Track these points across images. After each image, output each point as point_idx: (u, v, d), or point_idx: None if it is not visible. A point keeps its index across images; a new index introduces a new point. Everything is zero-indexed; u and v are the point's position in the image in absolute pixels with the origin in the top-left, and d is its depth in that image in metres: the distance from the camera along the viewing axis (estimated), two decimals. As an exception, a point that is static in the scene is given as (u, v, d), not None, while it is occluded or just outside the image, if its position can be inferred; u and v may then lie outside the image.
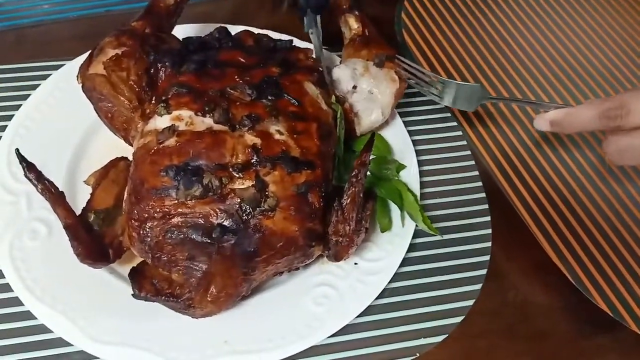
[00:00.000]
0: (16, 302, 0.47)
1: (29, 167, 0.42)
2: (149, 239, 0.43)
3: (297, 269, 0.49)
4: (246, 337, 0.46)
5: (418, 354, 0.49)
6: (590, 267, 0.55)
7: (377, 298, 0.50)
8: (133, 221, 0.44)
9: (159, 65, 0.50)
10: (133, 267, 0.45)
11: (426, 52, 0.71)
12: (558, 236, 0.57)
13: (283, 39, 0.58)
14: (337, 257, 0.47)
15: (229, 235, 0.43)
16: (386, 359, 0.48)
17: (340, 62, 0.60)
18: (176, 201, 0.43)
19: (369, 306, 0.49)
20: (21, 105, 0.58)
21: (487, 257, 0.55)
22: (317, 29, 0.60)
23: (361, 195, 0.45)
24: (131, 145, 0.51)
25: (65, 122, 0.56)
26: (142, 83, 0.49)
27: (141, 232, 0.44)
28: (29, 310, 0.46)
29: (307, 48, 0.56)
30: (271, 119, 0.47)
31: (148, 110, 0.48)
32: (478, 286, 0.53)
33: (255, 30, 0.60)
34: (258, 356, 0.46)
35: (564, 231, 0.57)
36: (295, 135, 0.47)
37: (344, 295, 0.49)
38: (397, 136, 0.59)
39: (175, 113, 0.46)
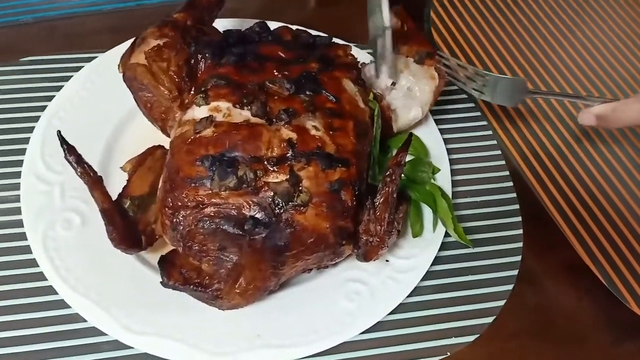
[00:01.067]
0: (50, 290, 0.47)
1: (69, 150, 0.42)
2: (181, 227, 0.43)
3: (326, 267, 0.49)
4: (279, 332, 0.46)
5: (449, 353, 0.49)
6: (624, 269, 0.54)
7: (408, 296, 0.50)
8: (166, 209, 0.44)
9: (199, 56, 0.50)
10: (162, 255, 0.45)
11: (455, 51, 0.70)
12: (590, 238, 0.56)
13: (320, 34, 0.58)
14: (366, 257, 0.47)
15: (261, 228, 0.43)
16: (417, 357, 0.48)
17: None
18: (210, 191, 0.43)
19: (400, 304, 0.49)
20: (51, 96, 0.58)
21: (519, 258, 0.54)
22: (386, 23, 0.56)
23: (395, 195, 0.45)
24: (168, 135, 0.51)
25: (97, 113, 0.56)
26: (182, 74, 0.50)
27: (174, 220, 0.44)
28: (62, 299, 0.46)
29: (346, 45, 0.56)
30: (308, 114, 0.47)
31: (187, 101, 0.49)
32: (509, 287, 0.52)
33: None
34: (290, 351, 0.46)
35: (596, 233, 0.57)
36: (331, 132, 0.46)
37: (375, 292, 0.49)
38: (430, 137, 0.59)
39: (214, 104, 0.46)
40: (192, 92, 0.49)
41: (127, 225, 0.44)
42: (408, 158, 0.52)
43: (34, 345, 0.46)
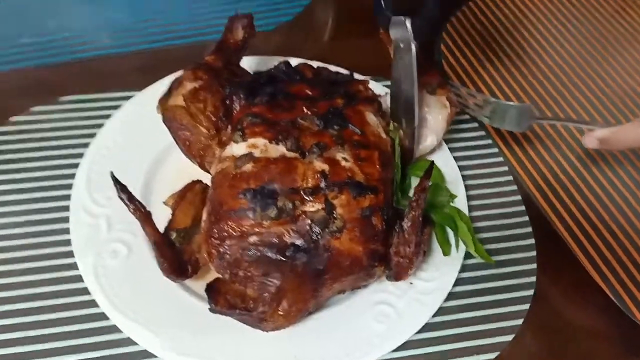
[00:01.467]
0: (101, 317, 0.50)
1: (122, 189, 0.46)
2: (228, 256, 0.47)
3: (359, 288, 0.52)
4: (314, 353, 0.49)
5: None
6: (632, 287, 0.58)
7: (432, 316, 0.53)
8: (213, 239, 0.47)
9: (234, 97, 0.54)
10: (208, 283, 0.49)
11: (465, 80, 0.75)
12: (600, 258, 0.59)
13: (339, 70, 0.63)
14: (397, 277, 0.50)
15: (301, 253, 0.46)
16: None
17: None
18: (253, 222, 0.47)
19: (426, 324, 0.52)
20: (90, 133, 0.62)
21: (534, 279, 0.57)
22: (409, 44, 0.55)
23: (420, 219, 0.49)
24: (206, 170, 0.55)
25: (136, 149, 0.60)
26: (219, 113, 0.54)
27: (220, 249, 0.47)
28: (113, 325, 0.49)
29: (364, 79, 0.60)
30: (337, 147, 0.51)
31: (224, 138, 0.53)
32: (526, 306, 0.55)
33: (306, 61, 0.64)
34: (325, 370, 0.49)
35: (605, 253, 0.60)
36: (359, 162, 0.50)
37: (402, 314, 0.52)
38: (445, 164, 0.63)
39: (251, 141, 0.50)
40: (229, 130, 0.53)
41: (175, 256, 0.48)
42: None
43: None
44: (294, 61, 0.63)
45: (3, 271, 0.53)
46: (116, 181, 0.46)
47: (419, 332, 0.52)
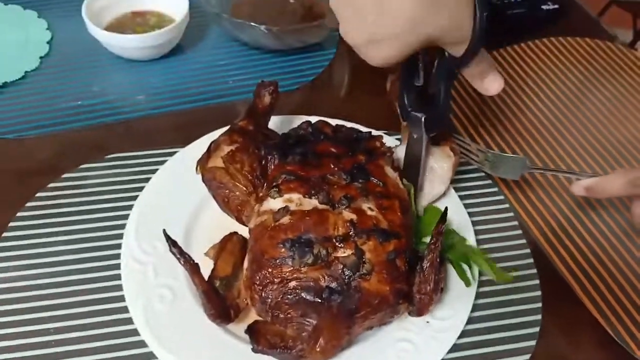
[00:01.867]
0: (150, 356, 0.55)
1: (173, 244, 0.52)
2: (270, 300, 0.53)
3: (385, 324, 0.58)
4: (345, 386, 0.54)
5: None
6: (630, 324, 0.63)
7: (447, 352, 0.57)
8: (256, 285, 0.53)
9: (269, 157, 0.61)
10: (249, 325, 0.54)
11: (469, 129, 0.81)
12: (600, 297, 0.64)
13: (354, 126, 0.70)
14: (419, 313, 0.56)
15: (335, 295, 0.52)
16: None
17: (401, 143, 0.70)
18: (292, 268, 0.53)
19: (441, 359, 0.57)
20: (135, 187, 0.68)
21: (539, 317, 0.62)
22: (421, 138, 0.63)
23: (438, 259, 0.55)
24: (242, 223, 0.61)
25: (178, 203, 0.66)
26: (255, 172, 0.60)
27: (263, 294, 0.53)
28: (163, 364, 0.55)
29: (380, 135, 0.67)
30: (363, 198, 0.57)
31: (261, 194, 0.59)
32: (532, 342, 0.60)
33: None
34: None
35: (604, 293, 0.65)
36: (382, 211, 0.57)
37: (420, 350, 0.57)
38: (455, 210, 0.69)
39: (286, 196, 0.57)
40: (265, 187, 0.59)
41: (220, 303, 0.53)
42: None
43: None
44: (314, 119, 0.70)
45: (60, 315, 0.58)
46: (168, 237, 0.52)
47: (436, 366, 0.57)
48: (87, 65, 0.85)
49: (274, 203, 0.57)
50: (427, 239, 0.61)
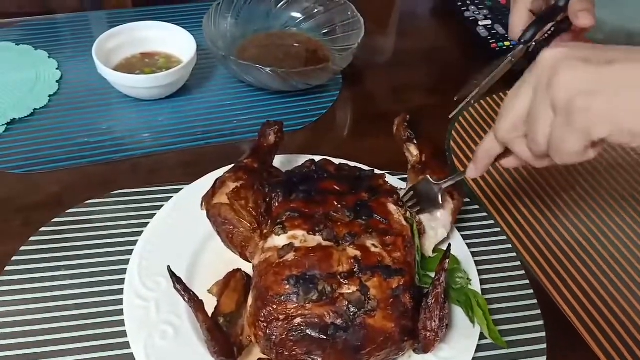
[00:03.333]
0: (152, 393, 0.55)
1: (178, 281, 0.52)
2: (274, 337, 0.53)
3: None
4: None
5: None
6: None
7: None
8: (260, 322, 0.53)
9: (273, 195, 0.62)
10: None
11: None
12: (602, 335, 0.64)
13: (357, 165, 0.71)
14: (425, 350, 0.56)
15: (340, 332, 0.52)
16: None
17: (407, 185, 0.71)
18: (297, 305, 0.53)
19: (447, 400, 0.57)
20: (139, 223, 0.69)
21: (544, 358, 0.62)
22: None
23: (443, 296, 0.55)
24: (245, 258, 0.61)
25: (180, 240, 0.66)
26: (260, 209, 0.61)
27: (267, 331, 0.53)
28: (164, 400, 0.54)
29: (382, 174, 0.68)
30: (367, 235, 0.58)
31: (265, 231, 0.59)
32: None
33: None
34: None
35: (607, 331, 0.65)
36: (386, 248, 0.57)
37: (425, 391, 0.57)
38: (458, 250, 0.69)
39: (291, 233, 0.57)
40: (269, 224, 0.60)
41: (224, 340, 0.53)
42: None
43: None
44: (318, 158, 0.71)
45: (61, 350, 0.58)
46: (172, 274, 0.52)
47: (442, 408, 0.56)
48: (95, 104, 0.87)
49: (279, 240, 0.57)
50: (432, 274, 0.61)
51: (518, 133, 0.51)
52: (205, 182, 0.69)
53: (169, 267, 0.53)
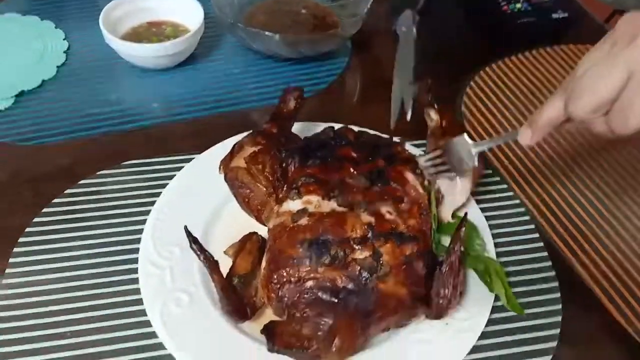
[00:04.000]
0: (169, 358, 0.55)
1: (194, 241, 0.52)
2: (286, 299, 0.53)
3: (402, 326, 0.57)
4: (364, 388, 0.54)
5: None
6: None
7: (467, 353, 0.57)
8: (273, 284, 0.53)
9: (290, 160, 0.61)
10: (265, 325, 0.54)
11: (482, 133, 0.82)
12: (617, 294, 0.64)
13: (377, 134, 0.70)
14: (437, 316, 0.56)
15: (352, 296, 0.52)
16: None
17: (426, 151, 0.70)
18: (309, 268, 0.53)
19: (461, 360, 0.57)
20: (151, 193, 0.69)
21: (559, 318, 0.62)
22: (412, 26, 0.66)
23: (457, 263, 0.54)
24: (262, 222, 0.62)
25: (195, 207, 0.66)
26: (277, 174, 0.60)
27: (280, 293, 0.53)
28: (181, 365, 0.54)
29: (401, 141, 0.67)
30: (381, 201, 0.57)
31: (281, 196, 0.59)
32: (553, 343, 0.60)
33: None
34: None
35: (623, 292, 0.64)
36: (401, 215, 0.57)
37: (440, 352, 0.57)
38: (474, 216, 0.68)
39: (306, 198, 0.57)
40: (285, 189, 0.60)
41: (238, 300, 0.54)
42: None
43: None
44: (337, 125, 0.70)
45: (77, 318, 0.59)
46: (189, 234, 0.52)
47: (456, 369, 0.56)
48: (103, 74, 0.86)
49: (293, 204, 0.57)
50: (447, 242, 0.61)
51: (600, 112, 0.49)
52: (216, 152, 0.69)
53: (185, 227, 0.53)
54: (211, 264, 0.52)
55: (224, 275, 0.54)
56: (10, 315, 0.59)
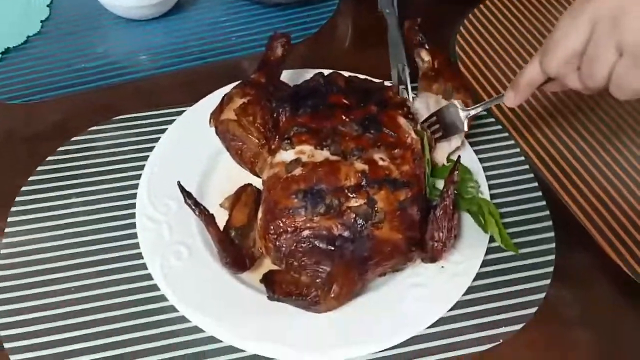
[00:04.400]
0: (171, 309, 0.56)
1: (188, 196, 0.52)
2: (284, 249, 0.54)
3: (398, 270, 0.59)
4: (360, 331, 0.55)
5: (502, 340, 0.57)
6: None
7: (463, 295, 0.58)
8: (269, 235, 0.54)
9: (280, 110, 0.61)
10: (264, 274, 0.55)
11: (482, 81, 0.80)
12: (611, 232, 0.65)
13: (368, 78, 0.69)
14: (432, 259, 0.57)
15: (348, 243, 0.53)
16: (474, 345, 0.56)
17: (417, 94, 0.69)
18: (305, 218, 0.53)
19: (457, 302, 0.58)
20: (145, 147, 0.69)
21: (552, 257, 0.62)
22: (392, 8, 0.68)
23: (451, 207, 0.55)
24: (255, 174, 0.62)
25: (188, 160, 0.66)
26: (268, 125, 0.60)
27: (277, 243, 0.54)
28: (182, 315, 0.56)
29: (392, 85, 0.67)
30: (374, 148, 0.57)
31: (273, 146, 0.59)
32: (547, 281, 0.61)
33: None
34: (371, 346, 0.54)
35: (616, 228, 0.65)
36: (394, 161, 0.57)
37: (435, 294, 0.58)
38: (468, 158, 0.68)
39: (298, 148, 0.57)
40: (277, 139, 0.59)
41: (236, 252, 0.54)
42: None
43: (160, 355, 0.54)
44: (327, 71, 0.69)
45: (79, 274, 0.59)
46: (182, 189, 0.53)
47: (453, 309, 0.57)
48: (88, 27, 0.85)
49: (286, 155, 0.57)
50: (441, 186, 0.61)
51: (571, 67, 0.50)
52: (208, 103, 0.68)
53: (179, 182, 0.53)
54: (207, 218, 0.53)
55: (221, 228, 0.55)
56: (13, 274, 0.59)
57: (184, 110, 0.71)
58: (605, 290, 0.62)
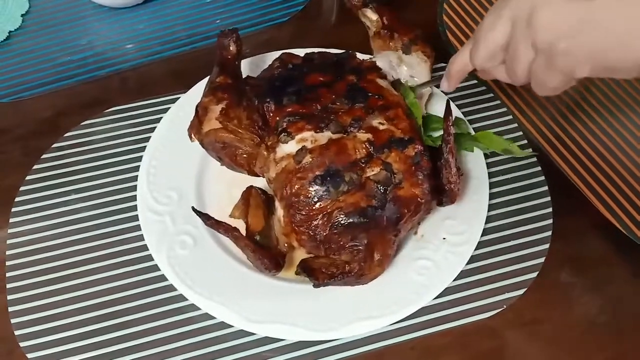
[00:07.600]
0: (180, 298, 0.57)
1: (207, 218, 0.53)
2: (319, 236, 0.54)
3: (422, 220, 0.61)
4: (369, 306, 0.56)
5: (505, 306, 0.58)
6: (635, 214, 0.65)
7: (466, 264, 0.59)
8: (300, 228, 0.54)
9: (264, 105, 0.59)
10: (300, 266, 0.55)
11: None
12: (607, 194, 0.66)
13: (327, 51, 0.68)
14: (452, 200, 0.58)
15: (378, 211, 0.54)
16: (480, 312, 0.58)
17: (374, 55, 0.68)
18: (330, 200, 0.54)
19: (461, 271, 0.59)
20: (142, 138, 0.69)
21: (550, 221, 0.64)
22: None
23: (454, 147, 0.56)
24: (255, 175, 0.61)
25: (186, 149, 0.65)
26: (257, 123, 0.59)
27: (310, 232, 0.54)
28: (192, 304, 0.56)
29: (356, 52, 0.67)
30: (370, 115, 0.57)
31: (270, 143, 0.58)
32: (546, 246, 0.62)
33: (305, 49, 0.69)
34: (380, 320, 0.56)
35: (609, 187, 0.67)
36: (392, 122, 0.57)
37: (439, 265, 0.59)
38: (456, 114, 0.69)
39: (298, 136, 0.56)
40: (272, 135, 0.58)
41: (270, 255, 0.54)
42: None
43: (174, 344, 0.55)
44: (309, 50, 0.68)
45: (86, 270, 0.60)
46: (199, 213, 0.53)
47: (457, 279, 0.59)
48: (70, 19, 0.83)
49: (288, 147, 0.56)
50: (433, 134, 0.64)
51: (496, 61, 0.52)
52: (202, 89, 0.67)
53: (193, 207, 0.55)
54: (233, 233, 0.53)
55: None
56: (21, 274, 0.59)
57: (177, 98, 0.71)
58: (600, 248, 0.63)
